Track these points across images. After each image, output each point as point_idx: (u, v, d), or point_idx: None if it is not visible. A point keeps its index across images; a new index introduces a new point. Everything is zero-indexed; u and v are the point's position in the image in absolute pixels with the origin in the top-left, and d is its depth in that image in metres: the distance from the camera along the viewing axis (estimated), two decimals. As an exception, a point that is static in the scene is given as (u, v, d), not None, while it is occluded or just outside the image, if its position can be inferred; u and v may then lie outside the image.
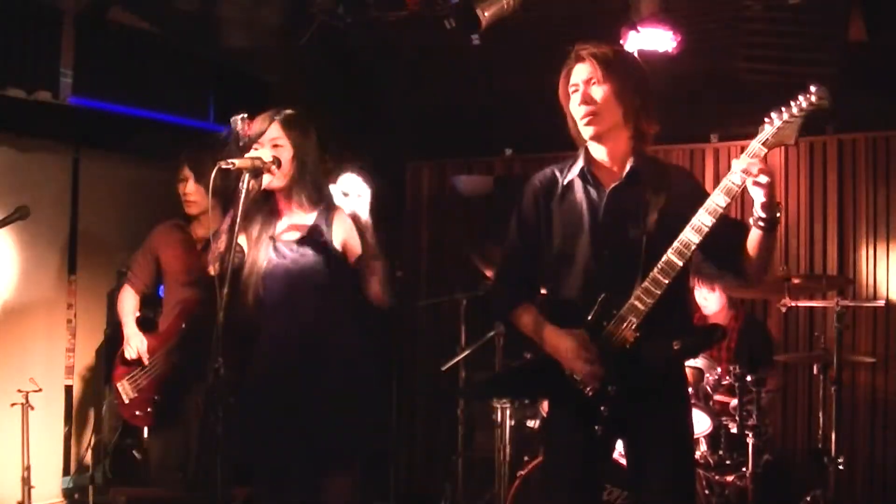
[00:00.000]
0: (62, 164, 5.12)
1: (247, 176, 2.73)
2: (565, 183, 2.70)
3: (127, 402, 3.59)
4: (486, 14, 3.88)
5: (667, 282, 2.44)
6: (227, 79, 5.45)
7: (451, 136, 6.02)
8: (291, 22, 4.60)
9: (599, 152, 2.67)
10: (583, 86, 2.60)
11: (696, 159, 5.54)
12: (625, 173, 2.63)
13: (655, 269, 2.46)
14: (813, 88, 2.35)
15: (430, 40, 4.61)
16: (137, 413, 3.58)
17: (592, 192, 2.66)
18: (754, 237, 2.46)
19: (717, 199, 2.41)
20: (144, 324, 3.81)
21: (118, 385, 3.65)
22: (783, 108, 2.37)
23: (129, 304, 3.84)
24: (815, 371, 4.39)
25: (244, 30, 4.78)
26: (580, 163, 2.69)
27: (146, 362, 3.62)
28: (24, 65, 4.56)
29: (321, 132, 3.16)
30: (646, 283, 2.47)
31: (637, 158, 2.64)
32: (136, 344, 3.66)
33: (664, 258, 2.45)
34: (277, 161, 2.90)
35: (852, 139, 5.09)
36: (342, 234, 3.09)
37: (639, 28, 4.07)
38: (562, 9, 4.39)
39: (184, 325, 3.53)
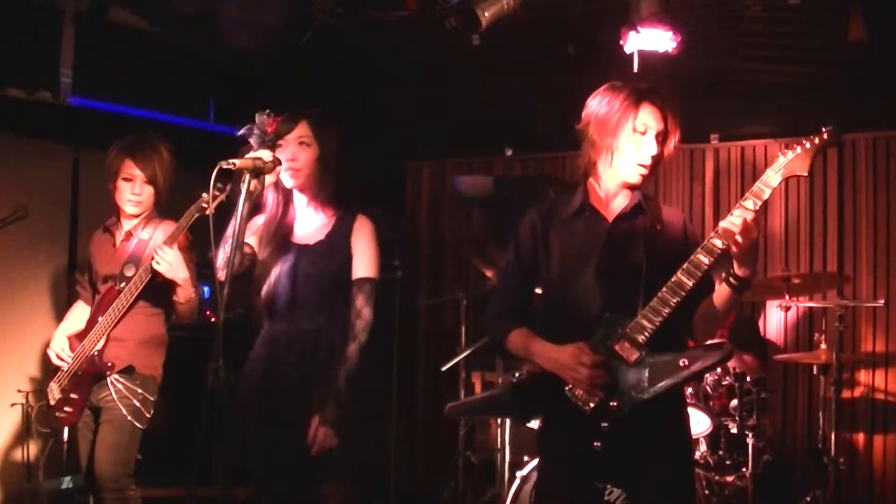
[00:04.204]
0: (62, 164, 5.12)
1: (247, 176, 2.71)
2: (565, 217, 2.73)
3: (53, 403, 3.58)
4: (486, 14, 3.88)
5: (675, 301, 2.48)
6: (227, 79, 5.45)
7: (451, 136, 6.02)
8: (291, 22, 4.60)
9: (604, 186, 2.71)
10: (653, 133, 2.62)
11: (696, 159, 5.54)
12: (630, 205, 2.69)
13: (664, 289, 2.49)
14: (824, 129, 2.49)
15: (430, 40, 4.60)
16: (58, 414, 3.56)
17: (594, 223, 2.70)
18: (722, 292, 2.52)
19: (733, 221, 2.44)
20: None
21: (48, 388, 3.64)
22: (796, 144, 2.49)
23: (72, 313, 3.83)
24: (815, 371, 4.39)
25: (244, 30, 4.77)
26: (580, 198, 2.72)
27: (69, 362, 3.61)
28: (24, 65, 4.56)
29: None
30: (654, 303, 2.50)
31: (640, 192, 2.70)
32: (54, 348, 3.65)
33: (674, 278, 2.49)
34: (278, 161, 2.89)
35: (852, 139, 5.09)
36: (356, 245, 3.08)
37: (639, 28, 4.06)
38: (562, 9, 4.38)
39: (99, 319, 3.52)
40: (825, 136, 2.47)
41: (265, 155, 2.82)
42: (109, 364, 3.48)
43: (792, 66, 4.70)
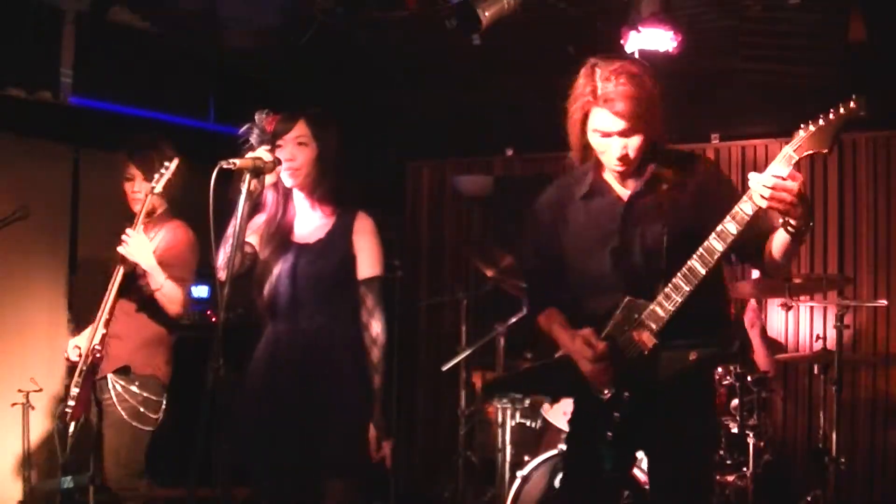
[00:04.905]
0: (62, 164, 5.11)
1: (247, 176, 2.71)
2: (578, 197, 2.65)
3: (68, 402, 3.62)
4: (486, 14, 3.88)
5: (688, 288, 2.40)
6: (227, 79, 5.45)
7: (451, 136, 6.02)
8: (291, 22, 4.60)
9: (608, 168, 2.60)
10: (617, 138, 2.47)
11: (696, 159, 5.53)
12: (644, 181, 2.56)
13: (678, 275, 2.40)
14: (853, 97, 2.25)
15: (430, 40, 4.61)
16: (66, 410, 3.60)
17: (607, 202, 2.60)
18: (780, 238, 2.38)
19: (744, 207, 2.32)
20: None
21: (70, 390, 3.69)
22: (820, 115, 2.24)
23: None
24: (815, 371, 4.39)
25: (244, 30, 4.78)
26: (590, 176, 2.63)
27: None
28: (24, 65, 4.56)
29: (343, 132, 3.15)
30: (667, 289, 2.42)
31: (656, 164, 2.56)
32: (69, 345, 3.70)
33: (687, 264, 2.40)
34: (278, 161, 2.89)
35: (852, 139, 5.09)
36: (358, 244, 3.08)
37: (639, 28, 4.07)
38: (562, 9, 4.38)
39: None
40: (852, 105, 2.22)
41: (265, 155, 2.82)
42: (99, 355, 3.48)
43: (792, 66, 4.70)
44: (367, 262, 3.07)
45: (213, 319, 3.55)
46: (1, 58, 4.45)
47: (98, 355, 3.49)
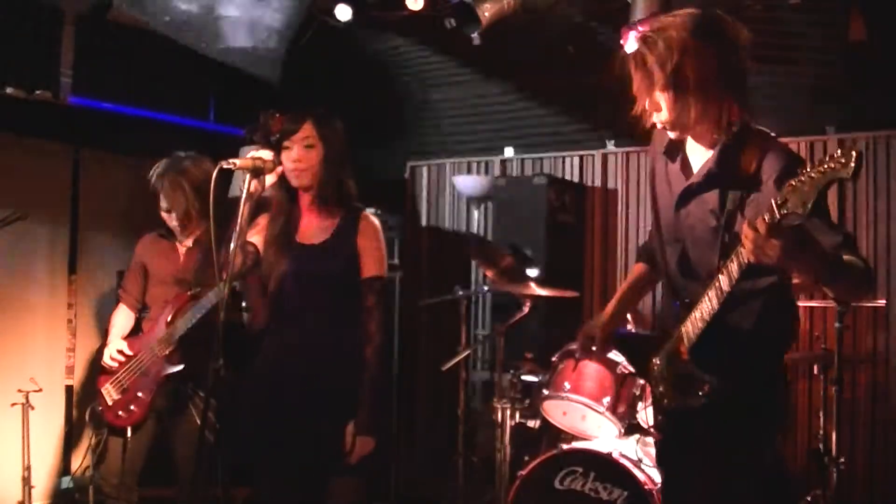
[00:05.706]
0: (62, 164, 5.12)
1: (248, 176, 2.71)
2: (661, 152, 2.41)
3: (110, 404, 3.61)
4: (486, 14, 3.88)
5: (708, 319, 2.21)
6: (227, 79, 5.45)
7: (451, 136, 6.03)
8: (291, 22, 4.60)
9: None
10: (646, 95, 2.26)
11: (696, 159, 5.53)
12: (702, 173, 2.30)
13: (699, 305, 2.21)
14: (849, 156, 1.93)
15: (430, 40, 4.62)
16: (120, 413, 3.59)
17: (675, 173, 2.37)
18: None
19: (742, 252, 2.09)
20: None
21: (102, 389, 3.68)
22: (810, 166, 1.99)
23: (118, 318, 3.87)
24: (815, 371, 4.38)
25: (244, 30, 4.78)
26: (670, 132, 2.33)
27: (128, 364, 3.64)
28: (24, 65, 4.57)
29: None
30: (696, 313, 2.23)
31: (718, 153, 2.27)
32: (110, 352, 3.70)
33: (706, 294, 2.20)
34: (278, 161, 2.89)
35: (852, 139, 5.08)
36: (362, 244, 3.09)
37: (638, 28, 4.07)
38: (562, 9, 4.39)
39: (171, 323, 3.56)
40: (849, 165, 1.95)
41: (265, 154, 2.82)
42: (183, 365, 3.52)
43: (792, 66, 4.70)
44: (370, 261, 3.07)
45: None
46: (1, 58, 4.46)
47: (183, 365, 3.53)
